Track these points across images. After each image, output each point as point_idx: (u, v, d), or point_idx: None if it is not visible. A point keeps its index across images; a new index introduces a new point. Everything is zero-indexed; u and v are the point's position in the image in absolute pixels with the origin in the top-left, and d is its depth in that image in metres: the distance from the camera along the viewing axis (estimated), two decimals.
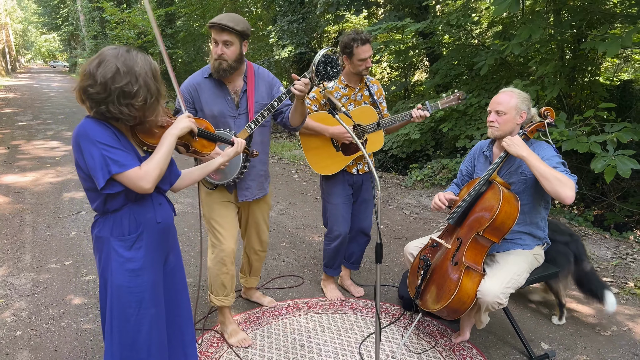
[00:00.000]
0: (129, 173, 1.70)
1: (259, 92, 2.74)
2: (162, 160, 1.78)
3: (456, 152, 6.89)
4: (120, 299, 1.82)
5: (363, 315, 3.19)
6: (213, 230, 2.77)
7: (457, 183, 3.01)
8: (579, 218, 5.39)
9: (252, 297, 3.37)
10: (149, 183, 1.73)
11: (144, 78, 1.71)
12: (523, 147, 2.40)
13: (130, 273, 1.82)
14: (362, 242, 3.47)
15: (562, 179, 2.29)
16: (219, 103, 2.66)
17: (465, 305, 2.43)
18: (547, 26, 5.50)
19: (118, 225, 1.81)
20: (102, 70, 1.67)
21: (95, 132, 1.70)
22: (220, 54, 2.52)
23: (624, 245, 4.44)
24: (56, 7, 38.80)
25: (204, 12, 17.61)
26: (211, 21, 2.49)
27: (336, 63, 2.23)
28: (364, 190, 3.35)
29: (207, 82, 2.68)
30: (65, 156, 8.25)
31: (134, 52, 1.73)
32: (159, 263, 1.93)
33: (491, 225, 2.43)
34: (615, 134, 4.32)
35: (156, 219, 1.88)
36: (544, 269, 2.73)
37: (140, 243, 1.84)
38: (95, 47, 28.89)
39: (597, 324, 3.12)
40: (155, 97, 1.76)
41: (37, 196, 5.98)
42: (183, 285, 2.10)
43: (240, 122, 2.70)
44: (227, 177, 2.64)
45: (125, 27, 21.66)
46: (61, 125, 11.73)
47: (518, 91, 2.58)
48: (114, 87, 1.67)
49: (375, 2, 10.15)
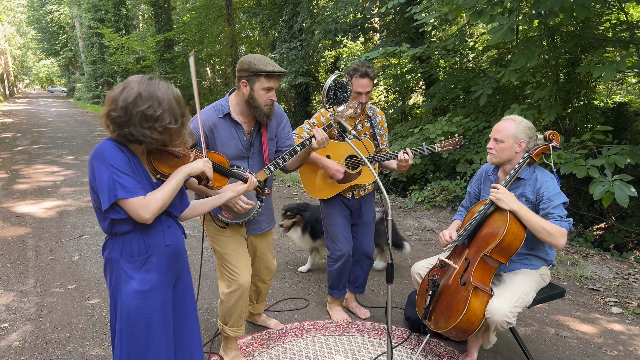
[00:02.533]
0: (133, 201, 1.74)
1: (271, 130, 2.74)
2: (168, 194, 1.82)
3: (455, 174, 6.96)
4: (129, 320, 1.84)
5: (370, 337, 3.20)
6: (227, 265, 2.71)
7: (466, 206, 3.03)
8: (579, 239, 5.43)
9: (257, 321, 3.34)
10: (149, 214, 1.76)
11: (168, 102, 1.77)
12: (513, 201, 2.51)
13: (140, 295, 1.84)
14: (365, 265, 3.46)
15: (552, 231, 2.43)
16: (234, 146, 2.63)
17: (474, 325, 2.45)
18: (542, 52, 5.63)
19: (127, 247, 1.84)
20: (124, 95, 1.74)
21: (109, 154, 1.75)
22: (274, 101, 2.53)
23: (625, 265, 4.48)
24: (55, 33, 39.26)
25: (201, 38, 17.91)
26: (271, 70, 2.44)
27: (346, 88, 2.30)
28: (364, 213, 3.36)
29: (223, 123, 2.62)
30: (66, 180, 8.27)
31: (156, 80, 1.80)
32: (168, 285, 1.95)
33: (499, 246, 2.46)
34: (613, 158, 4.39)
35: (165, 241, 1.91)
36: (550, 289, 2.76)
37: (149, 265, 1.87)
38: (93, 73, 29.26)
39: (603, 343, 3.14)
40: (180, 121, 1.82)
41: (39, 220, 5.98)
42: (192, 307, 2.12)
43: (253, 161, 2.69)
44: (241, 218, 2.62)
45: (124, 52, 21.97)
46: (61, 149, 11.77)
47: (520, 119, 2.64)
48: (134, 110, 1.73)
49: (373, 27, 10.35)
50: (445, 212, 6.26)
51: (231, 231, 2.74)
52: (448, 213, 6.21)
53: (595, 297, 3.82)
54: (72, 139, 13.74)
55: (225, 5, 15.56)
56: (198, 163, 1.94)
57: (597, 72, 4.34)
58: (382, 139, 3.29)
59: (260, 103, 2.52)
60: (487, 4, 4.91)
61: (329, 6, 10.87)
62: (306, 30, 11.16)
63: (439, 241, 2.79)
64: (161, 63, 18.85)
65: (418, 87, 11.46)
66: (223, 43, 18.36)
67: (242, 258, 2.74)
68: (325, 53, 12.74)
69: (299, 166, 2.78)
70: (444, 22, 8.19)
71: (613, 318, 3.49)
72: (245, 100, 2.55)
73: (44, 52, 44.84)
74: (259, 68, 2.44)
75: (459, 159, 6.67)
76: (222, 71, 21.13)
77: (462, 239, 2.64)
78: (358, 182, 3.20)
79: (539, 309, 3.61)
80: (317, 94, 13.68)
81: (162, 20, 19.13)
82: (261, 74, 2.45)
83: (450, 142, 3.02)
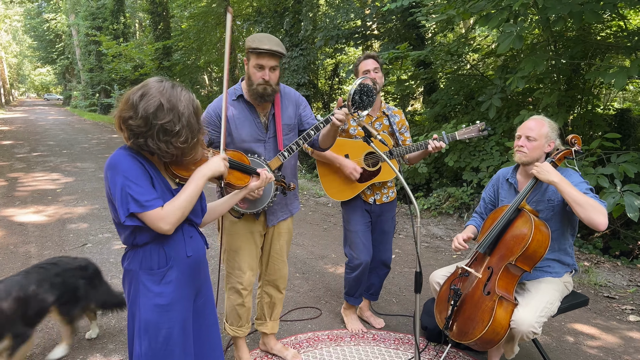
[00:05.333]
0: (149, 214, 1.67)
1: (287, 114, 2.65)
2: (188, 201, 1.74)
3: (461, 181, 6.92)
4: (147, 333, 1.77)
5: (387, 347, 3.13)
6: (232, 260, 2.70)
7: (479, 212, 2.98)
8: (588, 245, 5.39)
9: (273, 349, 3.02)
10: (168, 224, 1.69)
11: (187, 118, 1.69)
12: (554, 174, 2.40)
13: (159, 308, 1.77)
14: (382, 273, 3.42)
15: (595, 206, 2.29)
16: (248, 127, 2.57)
17: (499, 336, 2.39)
18: (550, 57, 5.61)
19: (147, 258, 1.77)
20: (144, 104, 1.65)
21: (124, 165, 1.68)
22: (267, 80, 2.44)
23: (637, 272, 4.44)
24: (52, 41, 39.23)
25: (200, 45, 17.89)
26: (257, 47, 2.39)
27: (371, 92, 2.25)
28: (384, 222, 3.30)
29: (236, 105, 2.58)
30: (66, 188, 8.18)
31: (178, 89, 1.71)
32: (189, 298, 1.87)
33: (524, 254, 2.41)
34: (623, 167, 4.35)
35: (187, 252, 1.83)
36: (574, 297, 2.71)
37: (169, 277, 1.79)
38: (91, 80, 29.20)
39: (623, 352, 3.08)
40: (197, 137, 1.74)
41: (41, 229, 5.88)
42: (213, 320, 2.04)
43: (269, 146, 2.61)
44: (257, 206, 2.55)
45: (122, 60, 21.94)
46: (59, 157, 11.67)
47: (548, 120, 2.61)
48: (155, 122, 1.65)
49: (374, 35, 10.35)
50: (452, 219, 6.22)
51: (244, 226, 2.66)
52: (455, 220, 6.17)
53: (611, 305, 3.77)
54: (70, 146, 13.64)
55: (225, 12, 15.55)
56: (215, 162, 1.83)
57: (608, 78, 4.31)
58: (404, 136, 3.26)
59: (253, 81, 2.47)
60: (495, 8, 4.89)
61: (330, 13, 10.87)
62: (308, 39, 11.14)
63: (454, 250, 2.71)
64: (159, 71, 18.80)
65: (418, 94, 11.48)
66: (221, 51, 18.36)
67: (249, 256, 2.70)
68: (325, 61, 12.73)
69: (332, 143, 2.66)
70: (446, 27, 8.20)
71: (631, 326, 3.43)
72: (246, 80, 2.54)
73: (40, 60, 44.76)
74: (250, 45, 2.42)
75: (464, 167, 6.63)
76: (219, 79, 21.12)
77: (484, 246, 2.59)
78: (378, 180, 3.15)
79: (557, 317, 3.54)
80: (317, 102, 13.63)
81: (160, 28, 19.12)
82: (251, 52, 2.43)
83: (472, 129, 2.95)
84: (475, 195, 6.38)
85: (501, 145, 6.41)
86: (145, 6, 21.31)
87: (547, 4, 4.28)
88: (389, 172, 3.15)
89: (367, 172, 3.13)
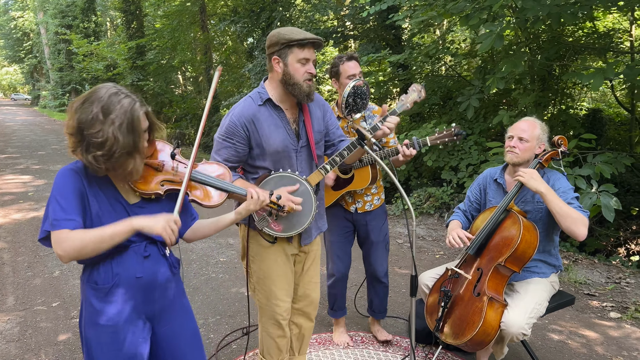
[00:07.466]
0: (54, 233, 1.52)
1: (316, 119, 2.32)
2: (95, 241, 1.52)
3: (441, 181, 6.98)
4: (89, 353, 1.65)
5: (375, 350, 3.12)
6: (267, 290, 2.31)
7: (463, 209, 2.95)
8: (565, 243, 5.50)
9: None
10: (63, 251, 1.49)
11: (115, 130, 1.52)
12: (541, 183, 2.43)
13: (100, 328, 1.63)
14: (379, 289, 3.18)
15: (578, 218, 2.36)
16: (281, 135, 2.20)
17: (490, 337, 2.40)
18: (529, 58, 5.71)
19: (94, 272, 1.64)
20: (80, 114, 1.54)
21: (60, 180, 1.59)
22: (314, 74, 2.14)
23: (614, 269, 4.54)
24: (19, 39, 38.11)
25: (174, 44, 17.63)
26: (303, 37, 2.09)
27: (365, 95, 2.21)
28: (371, 231, 3.06)
29: (264, 111, 2.20)
30: (38, 191, 7.94)
31: (120, 96, 1.56)
32: (139, 325, 1.69)
33: (513, 255, 2.43)
34: (599, 167, 4.44)
35: (136, 273, 1.65)
36: (560, 297, 2.75)
37: (113, 296, 1.63)
38: (60, 80, 28.48)
39: (607, 349, 3.14)
40: (126, 151, 1.56)
41: (13, 233, 5.69)
42: (197, 356, 1.85)
43: (301, 156, 2.28)
44: (295, 228, 2.18)
45: (93, 59, 21.43)
46: (30, 159, 11.34)
47: (540, 122, 2.63)
48: (86, 132, 1.53)
49: (353, 35, 10.36)
50: (433, 219, 6.26)
51: (277, 249, 2.28)
52: (436, 220, 6.22)
53: (592, 303, 3.85)
54: (41, 148, 13.26)
55: (199, 11, 15.36)
56: (158, 223, 1.56)
57: (585, 79, 4.39)
58: (387, 138, 3.03)
59: (298, 79, 2.12)
60: (474, 10, 4.94)
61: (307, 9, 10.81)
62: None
63: (449, 245, 2.64)
64: (133, 70, 18.43)
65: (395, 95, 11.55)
66: (196, 50, 18.12)
67: (287, 284, 2.34)
68: None
69: (354, 161, 2.50)
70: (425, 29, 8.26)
71: (612, 323, 3.51)
72: (280, 80, 2.16)
73: (7, 58, 43.43)
74: (290, 37, 2.09)
75: (443, 166, 6.69)
76: (193, 78, 20.84)
77: (473, 247, 2.60)
78: (352, 188, 2.96)
79: None
80: None
81: (133, 27, 18.73)
82: (293, 44, 2.09)
83: (445, 134, 2.74)
84: (456, 195, 6.44)
85: (479, 144, 6.49)
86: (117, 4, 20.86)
87: (526, 5, 4.34)
88: (363, 179, 2.94)
89: (341, 180, 2.95)
